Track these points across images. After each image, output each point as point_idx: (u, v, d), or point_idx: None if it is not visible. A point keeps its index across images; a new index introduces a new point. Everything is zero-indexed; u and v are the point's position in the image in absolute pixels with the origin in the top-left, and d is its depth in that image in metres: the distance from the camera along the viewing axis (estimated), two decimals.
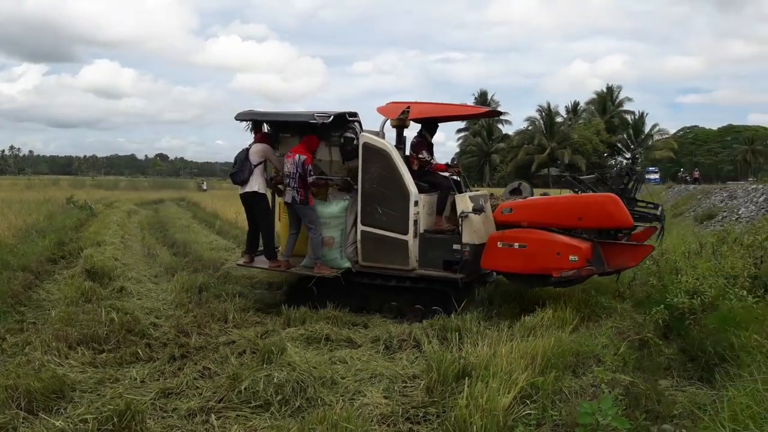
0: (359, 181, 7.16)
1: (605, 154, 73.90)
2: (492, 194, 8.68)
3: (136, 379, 4.91)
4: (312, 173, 7.12)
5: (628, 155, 76.78)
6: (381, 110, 7.85)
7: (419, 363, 5.29)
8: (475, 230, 6.92)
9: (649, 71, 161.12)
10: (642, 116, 74.93)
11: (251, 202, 7.63)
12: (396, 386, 4.78)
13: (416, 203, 6.97)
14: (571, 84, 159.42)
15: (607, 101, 75.64)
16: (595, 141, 69.21)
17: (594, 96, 78.52)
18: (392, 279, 7.19)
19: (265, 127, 7.96)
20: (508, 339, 5.36)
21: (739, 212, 13.43)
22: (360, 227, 7.19)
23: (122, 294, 7.76)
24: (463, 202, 6.97)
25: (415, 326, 6.38)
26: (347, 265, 7.29)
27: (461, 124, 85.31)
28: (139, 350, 5.57)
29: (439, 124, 8.26)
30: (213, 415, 4.19)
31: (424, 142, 7.86)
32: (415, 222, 6.97)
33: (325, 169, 7.75)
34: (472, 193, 7.49)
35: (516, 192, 8.30)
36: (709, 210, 15.90)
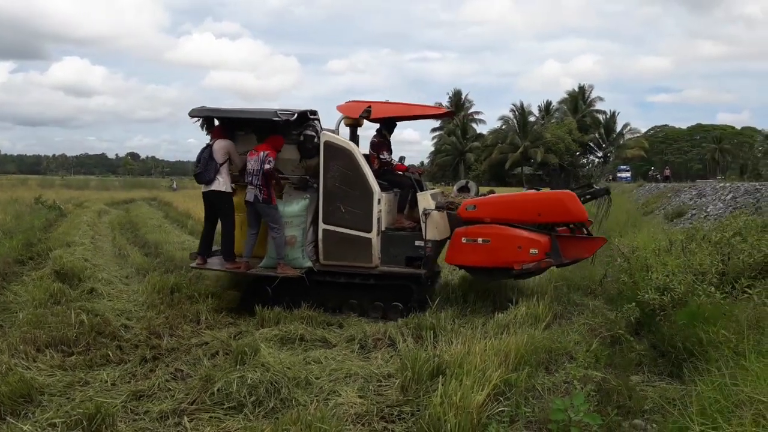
0: (321, 179, 7.11)
1: (577, 153, 74.83)
2: (443, 192, 8.88)
3: (106, 381, 4.83)
4: (271, 164, 7.00)
5: (600, 154, 77.90)
6: (341, 108, 7.91)
7: (394, 362, 5.30)
8: (436, 227, 7.18)
9: (620, 71, 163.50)
10: (613, 115, 76.08)
11: (216, 201, 7.36)
12: (371, 385, 4.78)
13: (379, 201, 7.07)
14: (544, 83, 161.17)
15: (578, 101, 76.56)
16: (568, 140, 70.04)
17: (566, 95, 79.44)
18: (354, 276, 7.20)
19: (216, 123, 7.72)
20: (482, 336, 5.41)
21: (708, 210, 13.66)
22: (322, 226, 7.14)
23: (92, 295, 7.62)
24: (425, 200, 7.20)
25: (390, 325, 6.39)
26: (309, 264, 7.23)
27: (435, 123, 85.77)
28: (109, 352, 5.48)
29: (396, 123, 8.34)
30: (186, 417, 4.14)
31: (384, 141, 7.95)
32: (378, 220, 7.07)
33: (282, 168, 7.64)
34: (430, 192, 7.69)
35: (464, 190, 8.52)
36: (679, 208, 16.15)
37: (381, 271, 7.14)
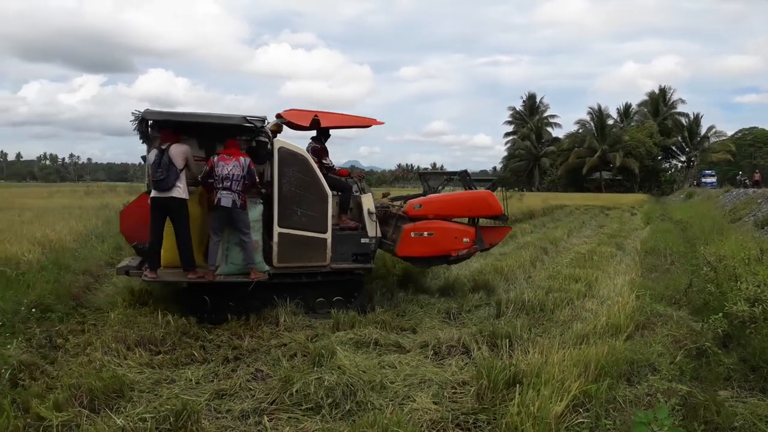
0: (275, 184, 7.13)
1: (659, 157, 71.98)
2: (384, 194, 9.65)
3: (191, 380, 5.04)
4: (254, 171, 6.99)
5: (683, 158, 74.70)
6: (287, 115, 8.06)
7: (469, 369, 5.27)
8: (376, 226, 7.85)
9: (703, 71, 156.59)
10: (697, 118, 72.75)
11: (173, 208, 6.81)
12: (445, 392, 4.77)
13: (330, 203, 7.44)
14: (623, 85, 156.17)
15: (659, 103, 73.73)
16: (649, 144, 67.51)
17: (646, 98, 76.64)
18: (302, 276, 7.37)
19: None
20: (560, 347, 5.29)
21: None
22: (277, 229, 7.14)
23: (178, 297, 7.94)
24: (369, 201, 7.88)
25: (464, 332, 6.36)
26: (267, 268, 7.23)
27: (509, 128, 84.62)
28: (194, 352, 5.72)
29: (330, 132, 8.57)
30: (266, 417, 4.27)
31: (324, 148, 8.24)
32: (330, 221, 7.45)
33: None
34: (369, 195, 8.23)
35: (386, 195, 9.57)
36: None
37: (331, 268, 7.45)
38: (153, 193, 6.77)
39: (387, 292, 8.40)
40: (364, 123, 8.78)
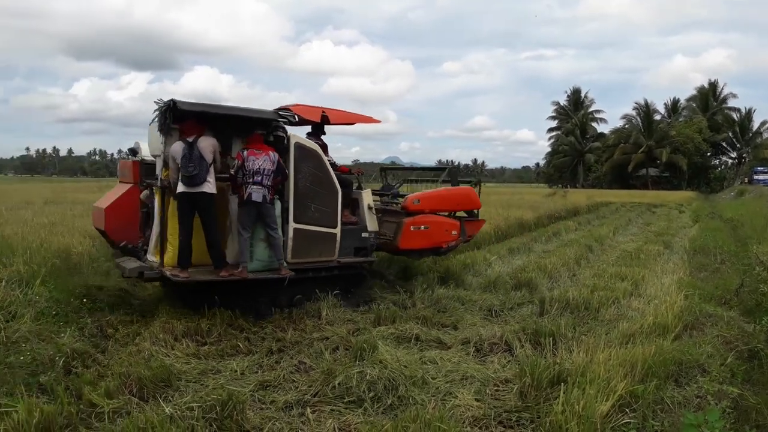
0: (291, 180, 7.05)
1: (708, 153, 69.91)
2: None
3: (236, 370, 5.13)
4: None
5: (734, 154, 72.39)
6: (296, 109, 7.73)
7: (511, 367, 5.23)
8: (374, 220, 8.08)
9: (756, 64, 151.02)
10: (749, 113, 70.28)
11: (203, 204, 6.45)
12: (487, 389, 4.75)
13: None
14: (671, 79, 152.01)
15: (709, 98, 71.53)
16: (698, 139, 65.59)
17: (695, 92, 74.48)
18: (309, 272, 7.32)
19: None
20: (606, 346, 5.21)
21: None
22: (293, 225, 7.07)
23: None
24: (368, 197, 8.13)
25: (507, 329, 6.30)
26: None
27: (553, 123, 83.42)
28: (239, 343, 5.83)
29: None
30: (308, 409, 4.32)
31: (324, 144, 8.09)
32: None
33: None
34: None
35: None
36: None
37: (339, 263, 7.52)
38: (181, 188, 6.33)
39: (428, 288, 8.40)
40: (364, 120, 8.92)
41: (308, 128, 8.32)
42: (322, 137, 8.22)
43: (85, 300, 6.57)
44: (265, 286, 7.00)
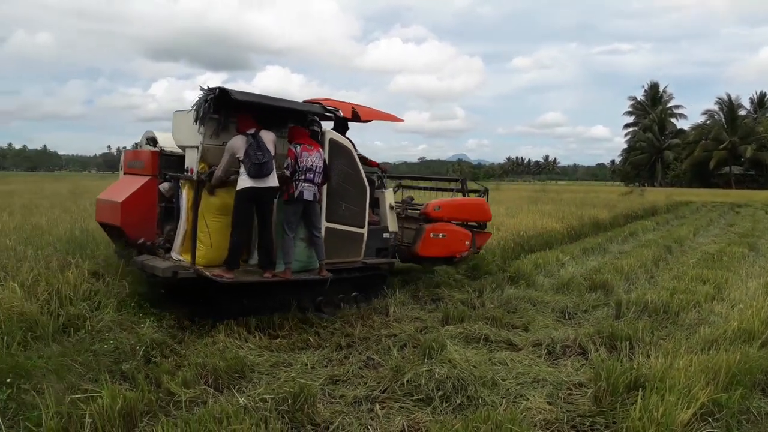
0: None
1: None
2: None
3: (306, 364, 5.20)
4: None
5: None
6: (328, 104, 7.47)
7: (585, 371, 5.08)
8: (395, 220, 8.04)
9: None
10: None
11: (267, 199, 6.27)
12: (560, 393, 4.63)
13: None
14: (758, 73, 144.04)
15: None
16: None
17: None
18: (336, 273, 6.93)
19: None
20: (686, 351, 4.99)
21: None
22: (324, 224, 6.84)
23: None
24: (390, 196, 8.07)
25: (581, 332, 6.12)
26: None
27: (629, 119, 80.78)
28: (309, 337, 5.92)
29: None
30: (377, 405, 4.33)
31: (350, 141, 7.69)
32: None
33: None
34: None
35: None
36: None
37: (364, 263, 7.36)
38: (247, 183, 6.01)
39: (497, 288, 8.27)
40: (389, 118, 8.81)
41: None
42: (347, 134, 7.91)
43: (163, 291, 6.78)
44: (292, 287, 6.70)
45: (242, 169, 6.05)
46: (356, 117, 7.87)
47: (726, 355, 4.75)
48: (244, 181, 6.06)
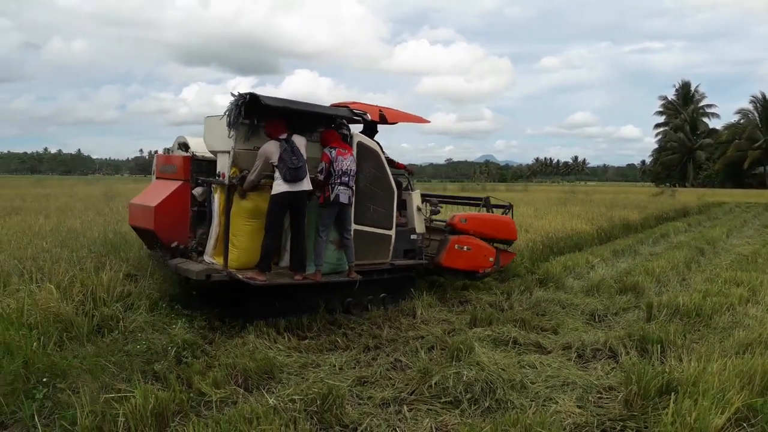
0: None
1: None
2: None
3: (334, 365, 5.23)
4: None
5: None
6: (355, 107, 7.47)
7: (616, 374, 5.02)
8: (422, 222, 8.08)
9: None
10: None
11: (301, 202, 6.32)
12: (590, 396, 4.58)
13: None
14: None
15: None
16: None
17: None
18: (364, 274, 6.95)
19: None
20: (720, 355, 4.90)
21: None
22: (353, 226, 6.88)
23: None
24: (417, 198, 8.07)
25: (611, 335, 6.05)
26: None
27: (660, 119, 79.55)
28: (337, 339, 5.96)
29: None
30: (405, 407, 4.34)
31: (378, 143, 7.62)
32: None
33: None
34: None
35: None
36: None
37: (392, 265, 7.38)
38: (282, 188, 6.08)
39: (525, 290, 8.22)
40: (416, 120, 8.80)
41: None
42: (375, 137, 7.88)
43: (194, 293, 6.87)
44: (321, 289, 6.73)
45: (277, 174, 6.11)
46: (383, 119, 7.85)
47: (761, 359, 4.66)
48: (279, 186, 6.12)
